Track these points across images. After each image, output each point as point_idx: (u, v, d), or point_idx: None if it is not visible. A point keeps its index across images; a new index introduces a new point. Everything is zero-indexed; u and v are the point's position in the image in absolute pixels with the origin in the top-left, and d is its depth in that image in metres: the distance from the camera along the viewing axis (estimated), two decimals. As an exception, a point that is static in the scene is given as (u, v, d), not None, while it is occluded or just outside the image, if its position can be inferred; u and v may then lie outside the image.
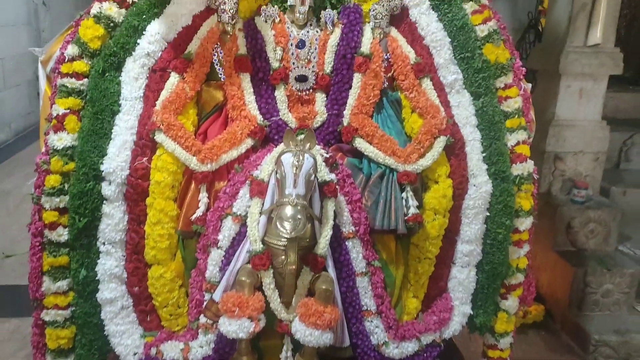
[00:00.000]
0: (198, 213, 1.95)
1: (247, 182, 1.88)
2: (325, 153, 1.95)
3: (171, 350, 1.92)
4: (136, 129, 1.94)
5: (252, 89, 2.08)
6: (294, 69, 2.11)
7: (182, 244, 2.01)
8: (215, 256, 1.88)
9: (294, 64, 2.11)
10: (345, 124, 2.07)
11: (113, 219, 1.91)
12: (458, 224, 2.07)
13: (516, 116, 2.12)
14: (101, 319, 1.95)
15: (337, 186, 1.88)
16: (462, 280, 2.10)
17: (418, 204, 2.00)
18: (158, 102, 1.97)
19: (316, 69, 2.13)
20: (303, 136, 1.86)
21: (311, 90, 2.14)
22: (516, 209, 2.11)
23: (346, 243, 1.93)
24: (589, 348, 3.01)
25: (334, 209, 1.84)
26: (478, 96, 2.10)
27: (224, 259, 1.88)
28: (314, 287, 1.78)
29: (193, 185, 1.97)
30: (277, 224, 1.66)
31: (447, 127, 2.05)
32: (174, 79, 2.00)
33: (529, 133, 2.17)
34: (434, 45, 2.10)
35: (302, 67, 2.12)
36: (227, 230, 1.87)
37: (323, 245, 1.78)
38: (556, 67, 3.28)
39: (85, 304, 1.95)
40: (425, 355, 2.05)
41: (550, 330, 3.26)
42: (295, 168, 1.70)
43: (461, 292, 2.11)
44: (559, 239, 3.35)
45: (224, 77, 2.07)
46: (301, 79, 2.11)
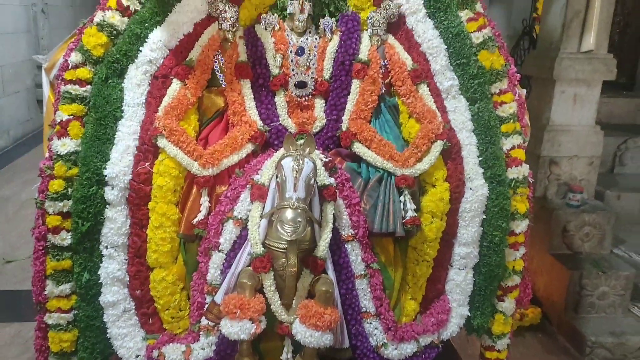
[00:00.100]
0: (199, 217, 1.96)
1: (248, 186, 1.90)
2: (325, 157, 1.97)
3: (173, 353, 1.93)
4: (138, 134, 1.95)
5: (252, 95, 2.11)
6: (294, 75, 2.14)
7: (184, 248, 2.02)
8: (217, 259, 1.90)
9: (293, 70, 2.14)
10: (344, 129, 2.10)
11: (116, 223, 1.92)
12: (455, 226, 2.09)
13: (511, 121, 2.15)
14: (103, 322, 1.96)
15: (336, 190, 1.90)
16: (459, 283, 2.12)
17: (416, 207, 2.03)
18: (160, 108, 2.00)
19: (315, 75, 2.15)
20: (303, 141, 1.89)
21: (310, 96, 2.17)
22: (512, 211, 2.13)
23: (345, 246, 1.95)
24: (585, 350, 3.03)
25: (334, 212, 1.86)
26: (474, 101, 2.13)
27: (225, 262, 1.89)
28: (314, 289, 1.80)
29: (195, 190, 1.99)
30: (278, 227, 1.68)
31: (444, 132, 2.07)
32: (175, 85, 2.03)
33: (524, 137, 2.20)
34: (430, 52, 2.13)
35: (301, 74, 2.14)
36: (229, 233, 1.89)
37: (323, 248, 1.80)
38: (550, 73, 3.32)
39: (88, 307, 1.96)
40: (423, 357, 2.07)
41: (547, 332, 3.28)
42: (296, 172, 1.72)
43: (459, 294, 2.13)
44: (554, 242, 3.37)
45: (225, 84, 2.10)
46: (300, 85, 2.14)
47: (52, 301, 1.94)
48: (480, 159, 2.10)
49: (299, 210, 1.68)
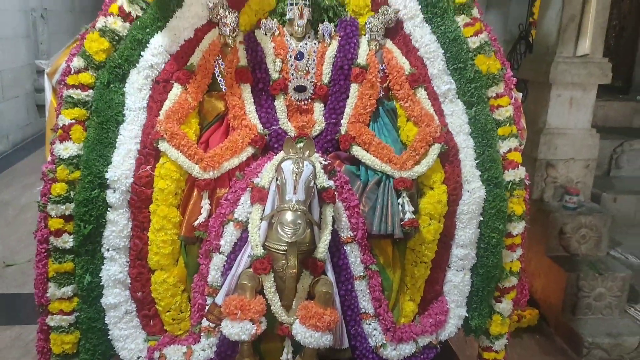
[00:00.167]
0: (200, 219, 1.98)
1: (248, 189, 1.92)
2: (324, 160, 1.99)
3: (174, 354, 1.94)
4: (140, 138, 1.97)
5: (252, 99, 2.13)
6: (293, 79, 2.16)
7: (185, 250, 2.04)
8: (217, 261, 1.91)
9: (292, 74, 2.16)
10: (343, 133, 2.12)
11: (117, 225, 1.93)
12: (453, 228, 2.11)
13: (508, 124, 2.16)
14: (105, 323, 1.98)
15: (335, 192, 1.92)
16: (457, 284, 2.14)
17: (414, 210, 2.04)
18: (161, 112, 2.01)
19: (314, 79, 2.18)
20: (302, 144, 1.91)
21: (310, 100, 2.19)
22: (509, 213, 2.15)
23: (344, 247, 1.97)
24: (582, 351, 3.04)
25: (333, 214, 1.88)
26: (471, 105, 2.15)
27: (225, 263, 1.91)
28: (314, 290, 1.81)
29: (195, 193, 2.00)
30: (278, 229, 1.70)
31: (441, 135, 2.09)
32: (176, 89, 2.05)
33: (520, 140, 2.22)
34: (427, 57, 2.15)
35: (300, 78, 2.17)
36: (229, 235, 1.91)
37: (322, 250, 1.81)
38: (547, 77, 3.34)
39: (90, 309, 1.97)
40: (422, 357, 2.08)
41: (545, 333, 3.29)
42: (295, 175, 1.74)
43: (456, 295, 2.15)
44: (552, 244, 3.38)
45: (225, 88, 2.12)
46: (300, 89, 2.16)
47: (54, 303, 1.96)
48: (477, 161, 2.12)
49: (299, 213, 1.70)
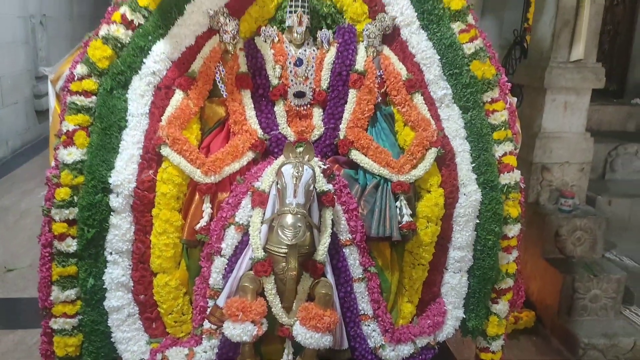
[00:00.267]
0: (202, 223, 2.01)
1: (249, 192, 1.94)
2: (323, 165, 2.02)
3: (176, 356, 1.96)
4: (142, 143, 2.00)
5: (252, 105, 2.16)
6: (292, 85, 2.20)
7: (187, 253, 2.07)
8: (219, 264, 1.93)
9: (292, 80, 2.20)
10: (342, 137, 2.15)
11: (120, 229, 1.95)
12: (450, 231, 2.14)
13: (503, 128, 2.19)
14: (108, 326, 1.99)
15: (334, 196, 1.95)
16: (454, 285, 2.16)
17: (411, 213, 2.07)
18: (163, 118, 2.04)
19: (313, 85, 2.21)
20: (302, 149, 1.94)
21: (309, 106, 2.22)
22: (504, 216, 2.17)
23: (344, 250, 1.99)
24: (578, 352, 3.05)
25: (332, 217, 1.91)
26: (466, 110, 2.18)
27: (227, 266, 1.93)
28: (314, 292, 1.84)
29: (197, 197, 2.03)
30: (279, 232, 1.73)
31: (438, 139, 2.12)
32: (178, 95, 2.08)
33: (515, 144, 2.24)
34: (424, 63, 2.19)
35: (300, 84, 2.20)
36: (230, 239, 1.93)
37: (322, 252, 1.84)
38: (541, 82, 3.37)
39: (93, 312, 1.99)
40: (420, 358, 2.10)
41: (541, 335, 3.31)
42: (295, 179, 1.77)
43: (454, 296, 2.17)
44: (547, 247, 3.40)
45: (226, 94, 2.15)
46: (299, 95, 2.20)
47: (58, 306, 1.97)
48: (473, 165, 2.14)
49: (299, 216, 1.73)
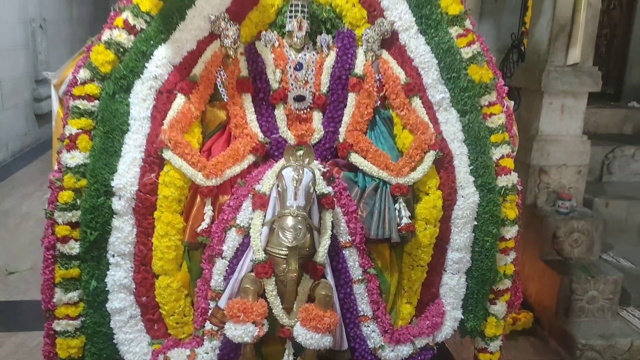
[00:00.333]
0: (203, 225, 2.03)
1: (250, 195, 1.96)
2: (323, 168, 2.04)
3: (178, 357, 1.98)
4: (144, 147, 2.02)
5: (253, 109, 2.19)
6: (293, 89, 2.22)
7: (188, 255, 2.08)
8: (220, 266, 1.96)
9: (292, 84, 2.22)
10: (341, 140, 2.17)
11: (122, 232, 1.97)
12: (448, 233, 2.16)
13: (500, 132, 2.22)
14: (110, 328, 2.01)
15: (334, 198, 1.97)
16: (452, 287, 2.19)
17: (410, 215, 2.09)
18: (165, 122, 2.06)
19: (313, 89, 2.24)
20: (302, 152, 1.96)
21: (309, 109, 2.25)
22: (502, 218, 2.19)
23: (343, 252, 2.01)
24: (575, 352, 3.07)
25: (332, 219, 1.93)
26: (464, 113, 2.20)
27: (228, 268, 1.95)
28: (314, 293, 1.86)
29: (198, 199, 2.05)
30: (279, 234, 1.75)
31: (436, 143, 2.15)
32: (180, 99, 2.10)
33: (513, 147, 2.27)
34: (422, 67, 2.21)
35: (300, 88, 2.23)
36: (231, 241, 1.95)
37: (322, 254, 1.86)
38: (539, 85, 3.38)
39: (95, 314, 2.01)
40: (419, 358, 2.13)
41: (539, 336, 3.32)
42: (296, 181, 1.80)
43: (452, 297, 2.19)
44: (545, 248, 3.41)
45: (227, 98, 2.17)
46: (299, 98, 2.22)
47: (61, 308, 1.99)
48: (471, 167, 2.17)
49: (299, 218, 1.75)
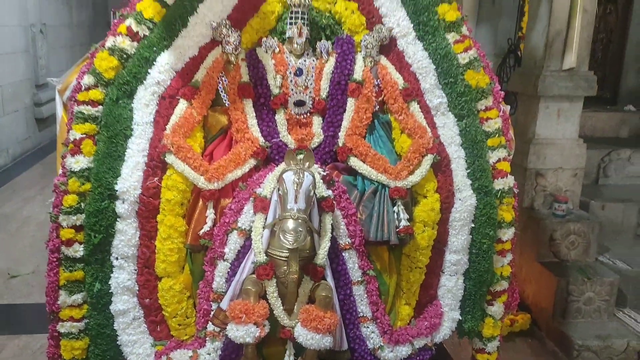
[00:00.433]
0: (205, 228, 2.05)
1: (251, 198, 1.99)
2: (323, 171, 2.07)
3: (180, 358, 2.00)
4: (147, 151, 2.04)
5: (254, 114, 2.21)
6: (293, 94, 2.25)
7: (191, 258, 2.11)
8: (222, 268, 1.98)
9: (292, 90, 2.25)
10: (341, 145, 2.20)
11: (126, 235, 2.00)
12: (446, 235, 2.19)
13: (497, 135, 2.25)
14: (114, 329, 2.04)
15: (334, 201, 2.00)
16: (450, 288, 2.22)
17: (408, 217, 2.12)
18: (168, 127, 2.09)
19: (313, 94, 2.27)
20: (302, 156, 1.99)
21: (309, 114, 2.28)
22: (499, 220, 2.22)
23: (343, 254, 2.04)
24: (572, 353, 3.10)
25: (332, 222, 1.96)
26: (461, 118, 2.24)
27: (229, 270, 1.98)
28: (314, 294, 1.89)
29: (201, 203, 2.08)
30: (280, 236, 1.78)
31: (434, 146, 2.18)
32: (182, 104, 2.13)
33: (509, 151, 2.30)
34: (420, 72, 2.25)
35: (300, 93, 2.26)
36: (233, 243, 1.98)
37: (322, 256, 1.89)
38: (535, 90, 3.42)
39: (99, 316, 2.03)
40: (418, 359, 2.15)
41: (536, 337, 3.35)
42: (296, 185, 1.83)
43: (450, 299, 2.22)
44: (542, 251, 3.45)
45: (229, 103, 2.20)
46: (299, 103, 2.25)
47: (65, 310, 2.01)
48: (468, 171, 2.20)
49: (300, 221, 1.78)
